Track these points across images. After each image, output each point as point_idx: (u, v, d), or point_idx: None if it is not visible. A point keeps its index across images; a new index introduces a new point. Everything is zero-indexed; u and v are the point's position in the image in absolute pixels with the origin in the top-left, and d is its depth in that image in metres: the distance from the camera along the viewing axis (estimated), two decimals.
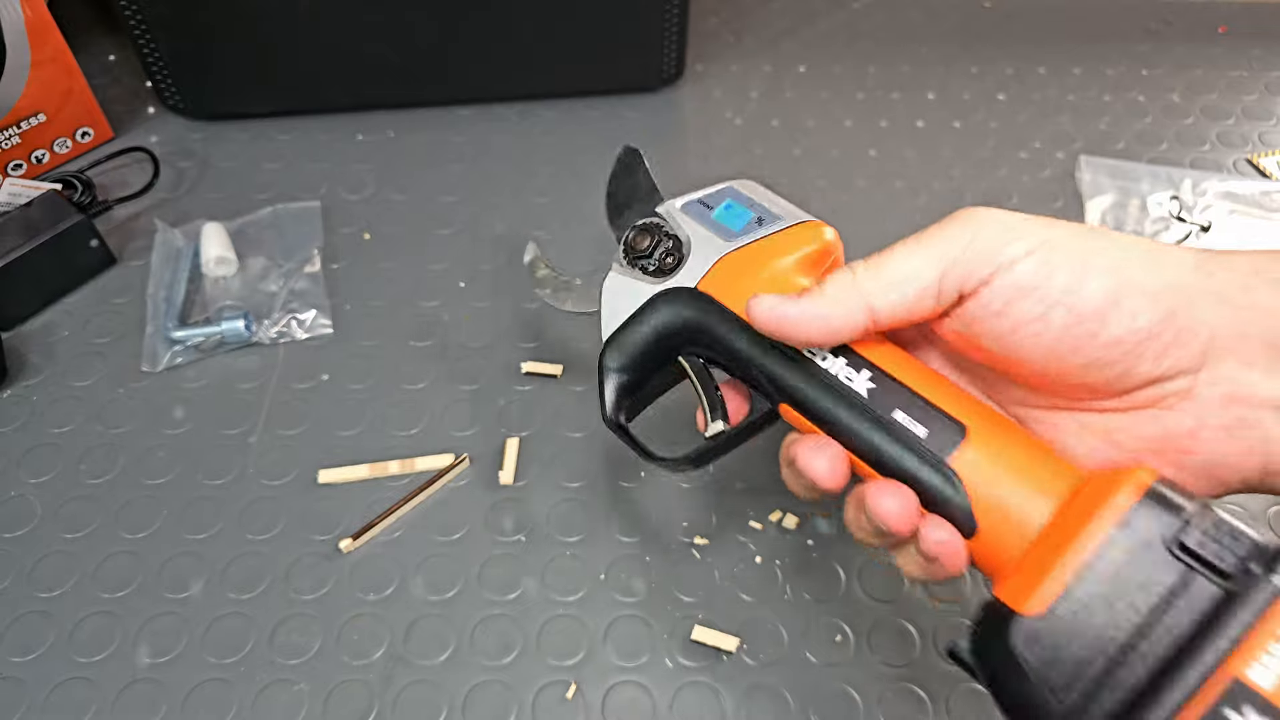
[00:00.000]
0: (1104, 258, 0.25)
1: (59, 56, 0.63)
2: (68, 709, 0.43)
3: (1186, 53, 0.79)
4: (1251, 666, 0.21)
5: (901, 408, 0.29)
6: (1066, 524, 0.25)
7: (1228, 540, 0.23)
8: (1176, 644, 0.22)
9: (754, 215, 0.37)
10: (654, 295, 0.36)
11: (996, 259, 0.25)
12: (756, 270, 0.34)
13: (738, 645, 0.44)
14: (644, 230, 0.38)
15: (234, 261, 0.60)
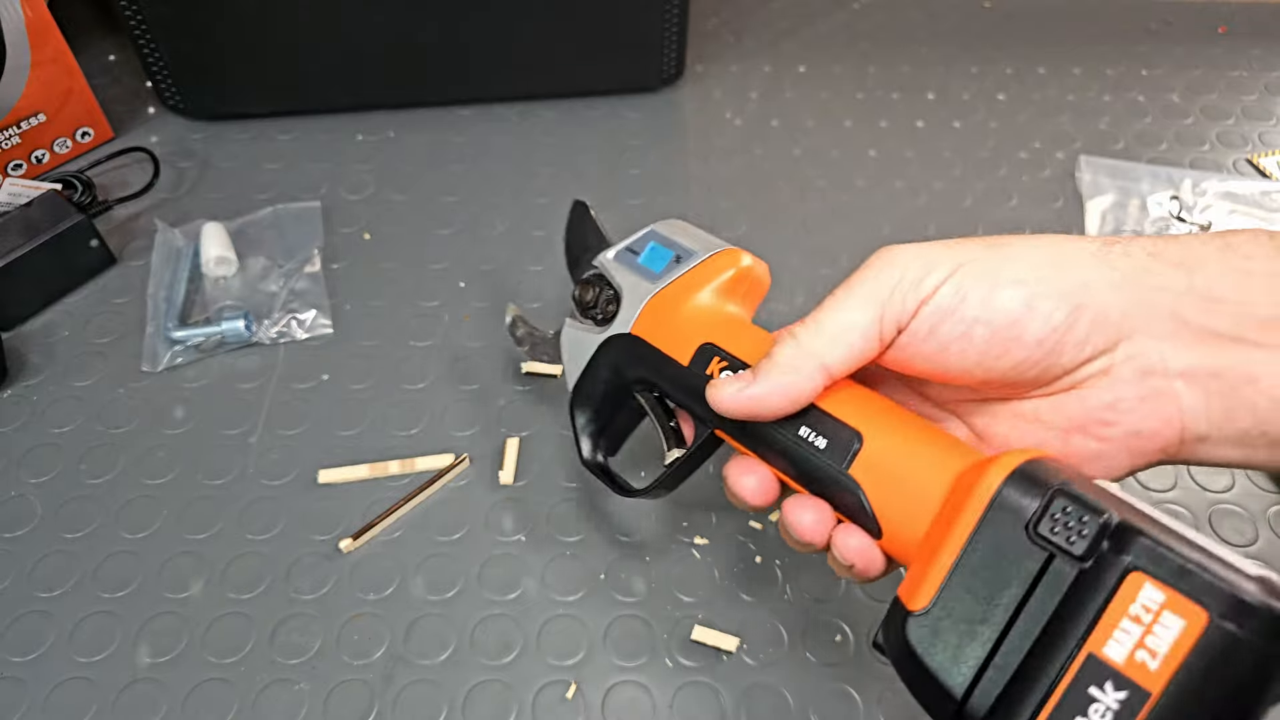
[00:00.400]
0: (1011, 270, 0.27)
1: (59, 57, 0.63)
2: (68, 709, 0.43)
3: (1186, 53, 0.79)
4: (1107, 644, 0.22)
5: (806, 424, 0.30)
6: (947, 515, 0.26)
7: (1078, 522, 0.23)
8: (1043, 627, 0.23)
9: (673, 255, 0.39)
10: (600, 343, 0.39)
11: (920, 292, 0.27)
12: (679, 307, 0.36)
13: (737, 645, 0.44)
14: (586, 283, 0.41)
15: (234, 261, 0.60)
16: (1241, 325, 0.25)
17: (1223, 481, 0.51)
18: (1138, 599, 0.22)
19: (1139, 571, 0.22)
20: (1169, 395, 0.26)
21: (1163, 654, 0.21)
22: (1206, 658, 0.21)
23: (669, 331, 0.36)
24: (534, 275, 0.62)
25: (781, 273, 0.62)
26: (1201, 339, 0.26)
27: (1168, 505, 0.50)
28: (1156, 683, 0.21)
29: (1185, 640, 0.21)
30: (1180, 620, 0.21)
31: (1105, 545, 0.23)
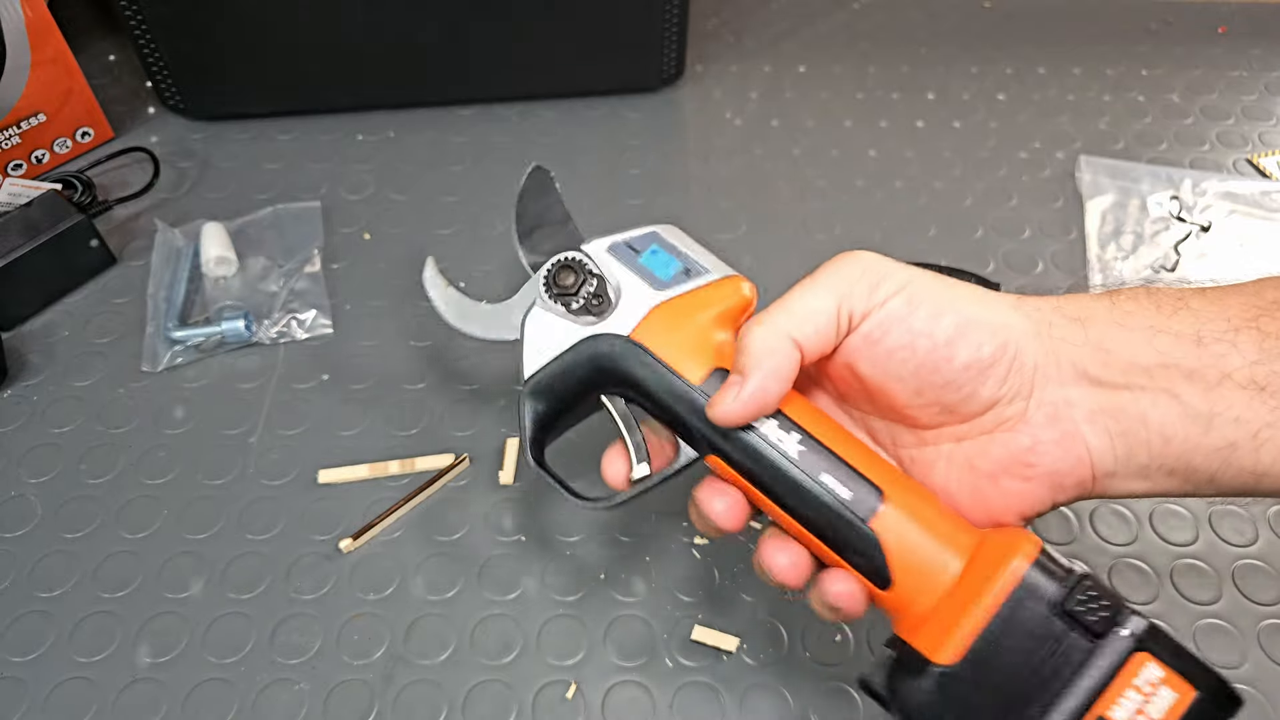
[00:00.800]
0: (951, 300, 0.30)
1: (59, 57, 0.63)
2: (68, 709, 0.43)
3: (1186, 53, 0.79)
4: (1113, 709, 0.27)
5: (828, 471, 0.32)
6: (971, 583, 0.29)
7: (1098, 603, 0.28)
8: (1059, 690, 0.27)
9: (681, 265, 0.37)
10: (585, 338, 0.36)
11: (875, 296, 0.31)
12: (686, 323, 0.35)
13: (737, 645, 0.44)
14: (567, 267, 0.38)
15: (234, 261, 0.60)
16: (1129, 373, 0.29)
17: None
18: (1140, 674, 0.27)
19: (1144, 652, 0.27)
20: (1078, 437, 0.30)
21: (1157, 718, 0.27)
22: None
23: (678, 346, 0.35)
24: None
25: (782, 272, 0.62)
26: (1099, 386, 0.30)
27: (1168, 505, 0.50)
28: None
29: (1177, 709, 0.26)
30: (1174, 694, 0.27)
31: (1118, 625, 0.27)
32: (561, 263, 0.38)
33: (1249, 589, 0.47)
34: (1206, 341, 0.29)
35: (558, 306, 0.37)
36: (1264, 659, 0.44)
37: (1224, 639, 0.45)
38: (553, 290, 0.38)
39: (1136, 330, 0.30)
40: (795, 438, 0.32)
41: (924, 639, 0.30)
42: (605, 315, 0.36)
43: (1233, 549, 0.48)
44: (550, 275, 0.38)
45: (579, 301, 0.37)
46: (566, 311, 0.37)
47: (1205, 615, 0.46)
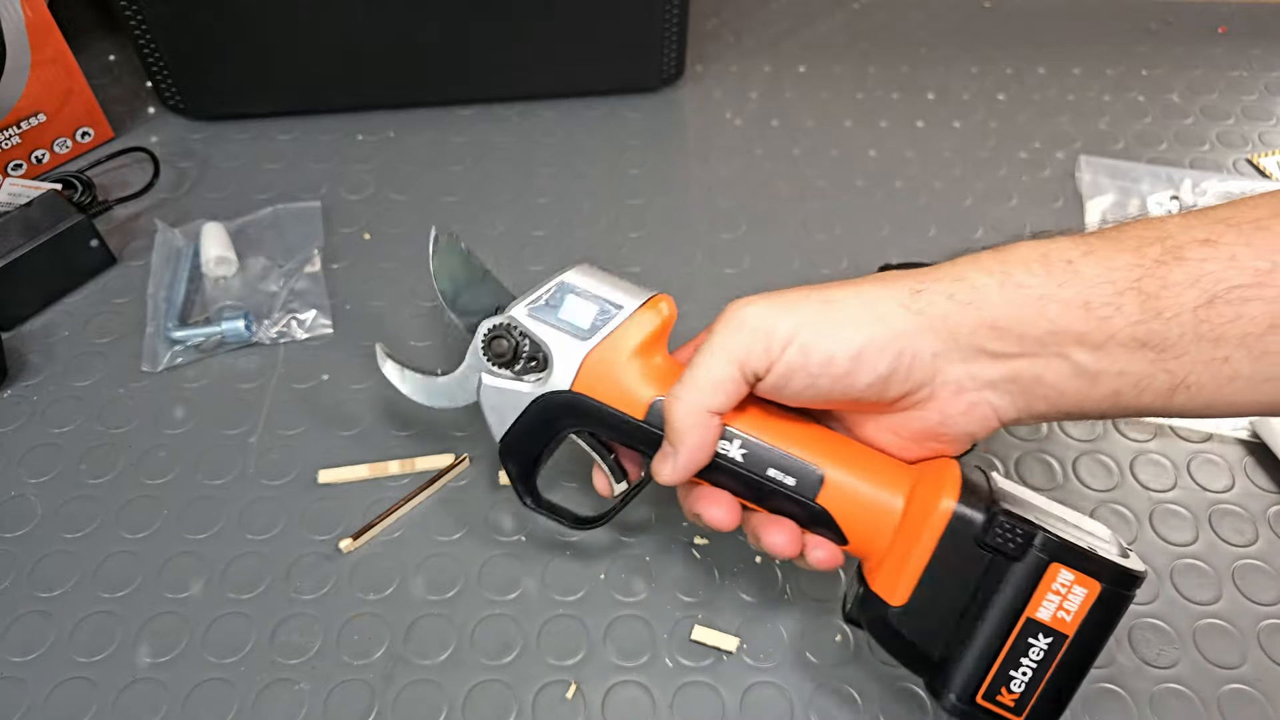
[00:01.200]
0: (843, 332, 0.33)
1: (59, 57, 0.63)
2: (68, 709, 0.43)
3: (1186, 53, 0.79)
4: (1038, 610, 0.33)
5: (773, 465, 0.37)
6: (911, 526, 0.35)
7: (1010, 531, 0.33)
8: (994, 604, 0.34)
9: (596, 309, 0.39)
10: (533, 399, 0.40)
11: (770, 353, 0.34)
12: (618, 363, 0.39)
13: (737, 645, 0.45)
14: (499, 335, 0.40)
15: (234, 261, 0.60)
16: (1023, 344, 0.33)
17: (1222, 482, 0.51)
18: (1057, 579, 0.33)
19: (1056, 562, 0.33)
20: (982, 404, 0.35)
21: (1074, 611, 0.33)
22: (1099, 609, 0.33)
23: (615, 388, 0.39)
24: (534, 275, 0.62)
25: (781, 272, 0.62)
26: (996, 358, 0.33)
27: (1167, 506, 0.50)
28: (1071, 629, 0.33)
29: (1088, 601, 0.33)
30: (1084, 589, 0.33)
31: (1033, 547, 0.33)
32: (492, 333, 0.41)
33: (1249, 589, 0.47)
34: (1093, 307, 0.32)
35: (504, 371, 0.41)
36: (1264, 659, 0.44)
37: (1224, 639, 0.45)
38: (493, 359, 0.41)
39: (1028, 304, 0.32)
40: (737, 444, 0.37)
41: (880, 583, 0.36)
42: (546, 371, 0.40)
43: (1232, 549, 0.48)
44: (486, 344, 0.41)
45: (519, 364, 0.41)
46: (512, 374, 0.41)
47: (1205, 615, 0.46)
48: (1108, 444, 0.53)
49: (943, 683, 0.35)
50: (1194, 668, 0.44)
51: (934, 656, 0.35)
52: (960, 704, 0.35)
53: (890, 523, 0.36)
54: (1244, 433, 0.53)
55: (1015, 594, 0.34)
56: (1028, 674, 0.34)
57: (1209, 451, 0.52)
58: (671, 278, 0.61)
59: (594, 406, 0.39)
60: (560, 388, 0.39)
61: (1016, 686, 0.34)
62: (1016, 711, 0.34)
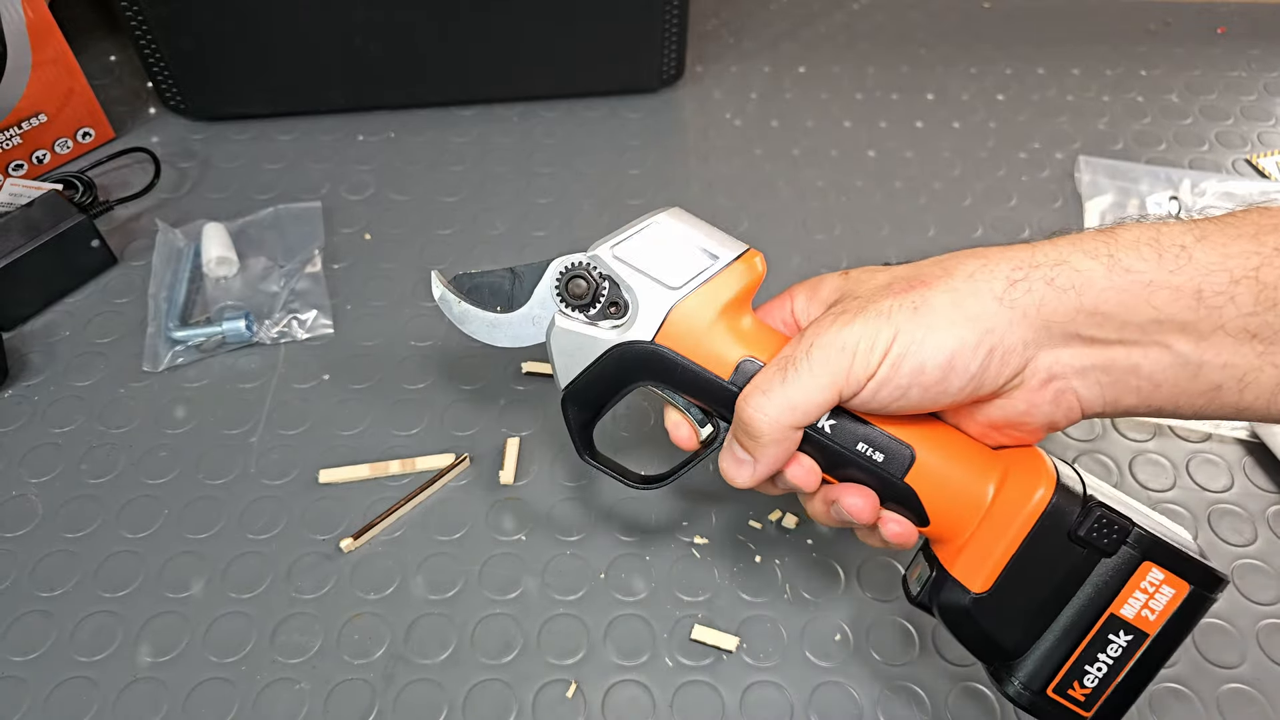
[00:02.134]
0: (935, 337, 0.32)
1: (60, 57, 0.63)
2: (69, 708, 0.43)
3: (1185, 53, 0.79)
4: (1122, 608, 0.33)
5: (862, 440, 0.36)
6: (999, 517, 0.34)
7: (1107, 527, 0.33)
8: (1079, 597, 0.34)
9: (690, 258, 0.37)
10: (611, 347, 0.37)
11: (868, 368, 0.33)
12: (706, 320, 0.37)
13: (737, 644, 0.45)
14: (578, 275, 0.38)
15: (235, 262, 0.60)
16: (1123, 330, 0.31)
17: (1222, 481, 0.51)
18: (1146, 578, 0.33)
19: (1149, 560, 0.33)
20: (1069, 393, 0.33)
21: (1159, 610, 0.33)
22: (1184, 610, 0.33)
23: (702, 344, 0.36)
24: None
25: (781, 273, 0.62)
26: (1091, 345, 0.32)
27: (1166, 506, 0.50)
28: (1154, 628, 0.33)
29: (1174, 601, 0.33)
30: (1172, 589, 0.33)
31: (1126, 543, 0.33)
32: (570, 272, 0.38)
33: (1248, 589, 0.47)
34: (1206, 296, 0.30)
35: (577, 315, 0.38)
36: (1263, 658, 0.44)
37: (1223, 639, 0.45)
38: (568, 301, 0.38)
39: (1134, 290, 0.31)
40: (826, 416, 0.35)
41: (961, 568, 0.35)
42: (625, 319, 0.37)
43: (1232, 549, 0.48)
44: (561, 285, 0.38)
45: (596, 307, 0.38)
46: (586, 319, 0.38)
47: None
48: (1107, 444, 0.53)
49: (1011, 670, 0.34)
50: (1193, 667, 0.44)
51: (1008, 645, 0.34)
52: (1028, 693, 0.34)
53: (978, 509, 0.35)
54: (1243, 433, 0.53)
55: (1102, 589, 0.33)
56: (1103, 670, 0.33)
57: (1208, 451, 0.52)
58: None
59: (677, 362, 0.37)
60: (642, 339, 0.37)
61: (1090, 682, 0.34)
62: (1085, 707, 0.34)
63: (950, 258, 0.34)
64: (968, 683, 0.44)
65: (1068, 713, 0.34)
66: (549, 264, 0.39)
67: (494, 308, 0.41)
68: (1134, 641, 0.33)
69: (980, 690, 0.43)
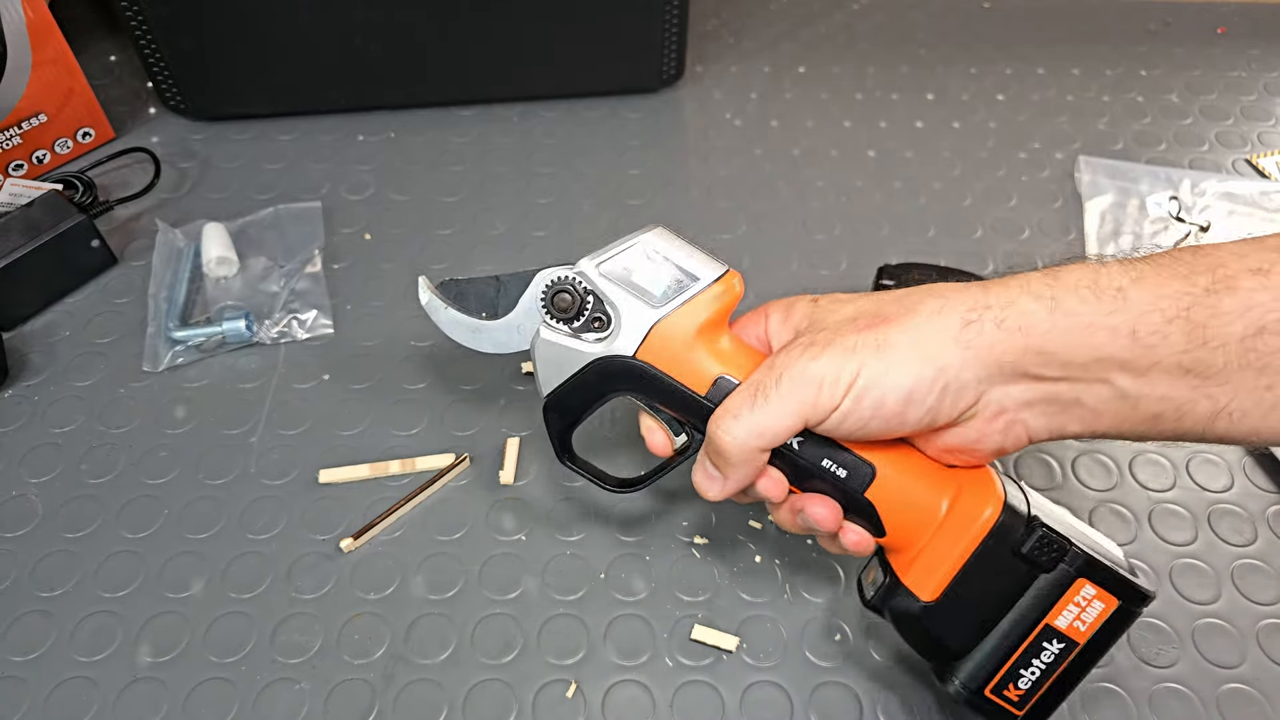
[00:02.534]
0: (894, 375, 0.34)
1: (60, 57, 0.63)
2: (69, 708, 0.43)
3: (1185, 53, 0.79)
4: (1056, 619, 0.36)
5: (827, 457, 0.38)
6: (950, 531, 0.37)
7: (1047, 546, 0.36)
8: (1017, 608, 0.37)
9: (672, 277, 0.39)
10: (593, 360, 0.39)
11: (832, 401, 0.35)
12: (687, 336, 0.38)
13: (737, 644, 0.45)
14: (563, 290, 0.39)
15: (235, 262, 0.60)
16: (1067, 368, 0.34)
17: (1221, 482, 0.51)
18: (1080, 593, 0.36)
19: (1083, 578, 0.36)
20: (1019, 423, 0.36)
21: (1089, 623, 0.36)
22: (1112, 623, 0.36)
23: (681, 361, 0.38)
24: None
25: (781, 273, 0.62)
26: (1038, 381, 0.34)
27: (1166, 505, 0.50)
28: (1083, 638, 0.36)
29: (1103, 614, 0.36)
30: (1102, 604, 0.36)
31: (1063, 562, 0.36)
32: (555, 286, 0.39)
33: (1248, 589, 0.47)
34: (1140, 335, 0.32)
35: (562, 327, 0.40)
36: (1263, 658, 0.44)
37: (1223, 638, 0.45)
38: (553, 313, 0.39)
39: (1075, 331, 0.33)
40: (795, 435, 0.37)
41: (913, 578, 0.38)
42: (608, 333, 0.39)
43: (1232, 549, 0.48)
44: (547, 298, 0.39)
45: (580, 321, 0.39)
46: (569, 331, 0.39)
47: (1204, 615, 0.46)
48: (1107, 444, 0.53)
49: (955, 672, 0.37)
50: (1193, 667, 0.44)
51: (953, 648, 0.37)
52: (967, 692, 0.37)
53: (932, 524, 0.37)
54: None
55: (1040, 601, 0.36)
56: (1035, 674, 0.36)
57: (1208, 451, 0.52)
58: None
59: (656, 376, 0.38)
60: (623, 353, 0.38)
61: (1023, 684, 0.37)
62: (1018, 707, 0.37)
63: (911, 294, 0.36)
64: None
65: (1002, 711, 0.37)
66: (535, 274, 0.40)
67: (479, 314, 0.41)
68: (1065, 650, 0.36)
69: None
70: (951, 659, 0.38)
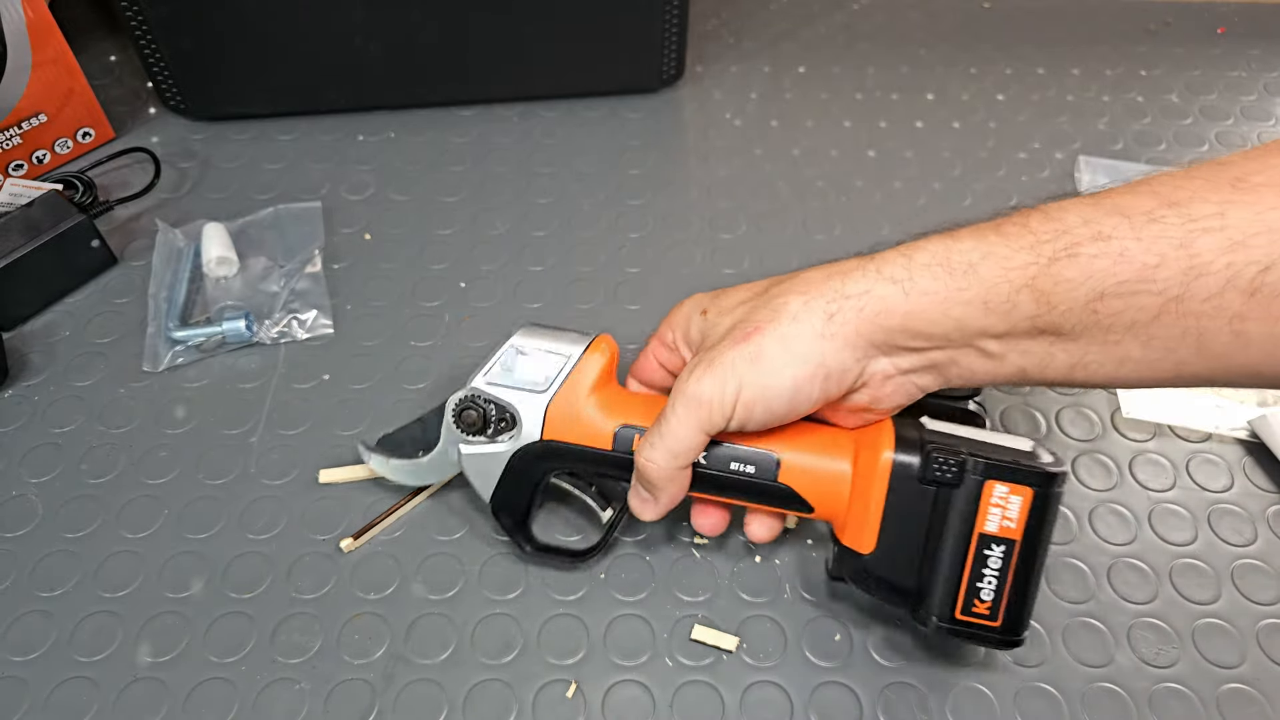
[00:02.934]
0: (773, 379, 0.37)
1: (60, 57, 0.63)
2: (69, 708, 0.43)
3: (1185, 53, 0.79)
4: (985, 525, 0.38)
5: (732, 459, 0.41)
6: (862, 485, 0.40)
7: (944, 464, 0.38)
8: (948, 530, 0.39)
9: (547, 362, 0.44)
10: (511, 455, 0.44)
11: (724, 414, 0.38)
12: (577, 404, 0.43)
13: (737, 644, 0.45)
14: (467, 408, 0.44)
15: (235, 262, 0.60)
16: (932, 339, 0.37)
17: (1222, 481, 0.51)
18: (994, 494, 0.38)
19: (990, 479, 0.38)
20: (906, 383, 0.39)
21: (1015, 517, 0.38)
22: (1036, 510, 0.38)
23: (580, 427, 0.43)
24: (535, 276, 0.62)
25: (781, 273, 0.62)
26: (912, 351, 0.37)
27: (1166, 505, 0.50)
28: (1018, 534, 0.38)
29: (1025, 506, 0.38)
30: (1019, 497, 0.38)
31: (966, 472, 0.38)
32: (460, 405, 0.44)
33: (1248, 588, 0.47)
34: (992, 305, 0.35)
35: (478, 438, 0.45)
36: (1263, 658, 0.45)
37: (1223, 638, 0.45)
38: (466, 430, 0.44)
39: (932, 307, 0.36)
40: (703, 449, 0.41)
41: (850, 537, 0.41)
42: (516, 429, 0.44)
43: (1231, 548, 0.48)
44: (457, 418, 0.44)
45: (491, 427, 0.44)
46: (486, 438, 0.44)
47: (1204, 615, 0.46)
48: (1107, 444, 0.53)
49: (926, 609, 0.39)
50: (1193, 667, 0.44)
51: (912, 589, 0.40)
52: (944, 623, 0.39)
53: (844, 485, 0.41)
54: (1243, 433, 0.53)
55: (964, 515, 0.38)
56: (993, 583, 0.38)
57: (1208, 451, 0.52)
58: (671, 278, 0.62)
59: (566, 448, 0.43)
60: (533, 439, 0.43)
61: (986, 595, 0.38)
62: (992, 618, 0.39)
63: (778, 294, 0.39)
64: (968, 682, 0.44)
65: (982, 628, 0.39)
66: (445, 404, 0.45)
67: (416, 454, 0.47)
68: (1007, 551, 0.38)
69: (980, 690, 0.43)
70: (919, 599, 0.39)
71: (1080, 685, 0.44)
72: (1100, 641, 0.45)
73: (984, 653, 0.45)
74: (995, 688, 0.43)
